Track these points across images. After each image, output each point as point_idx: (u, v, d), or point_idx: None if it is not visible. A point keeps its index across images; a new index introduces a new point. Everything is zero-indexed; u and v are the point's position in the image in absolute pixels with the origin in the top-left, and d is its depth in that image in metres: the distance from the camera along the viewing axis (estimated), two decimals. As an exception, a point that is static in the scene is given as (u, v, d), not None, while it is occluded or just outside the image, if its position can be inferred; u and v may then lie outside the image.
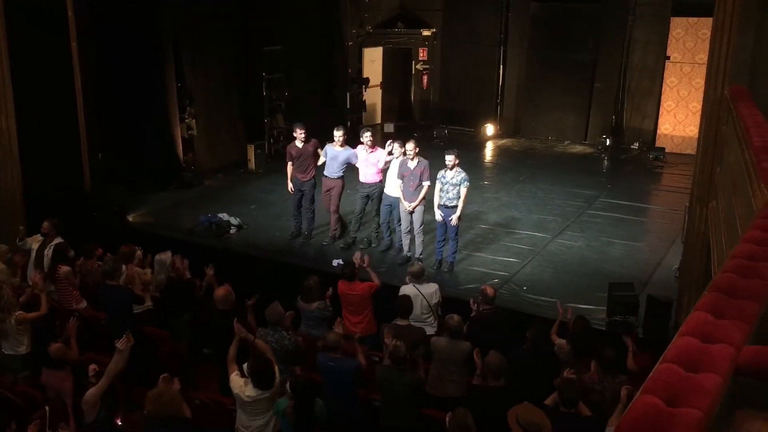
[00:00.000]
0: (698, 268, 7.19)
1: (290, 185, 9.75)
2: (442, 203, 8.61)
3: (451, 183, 8.51)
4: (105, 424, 5.30)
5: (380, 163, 9.17)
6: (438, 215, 8.75)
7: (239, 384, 5.25)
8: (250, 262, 9.39)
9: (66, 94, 10.30)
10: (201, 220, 10.32)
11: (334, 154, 9.40)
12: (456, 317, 6.12)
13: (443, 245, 8.98)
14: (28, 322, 6.49)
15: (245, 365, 5.33)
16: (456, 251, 8.96)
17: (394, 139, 9.22)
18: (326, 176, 9.53)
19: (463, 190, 8.51)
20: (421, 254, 9.09)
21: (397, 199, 9.00)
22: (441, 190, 8.59)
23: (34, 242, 8.06)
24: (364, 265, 7.31)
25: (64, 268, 7.45)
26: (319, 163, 9.59)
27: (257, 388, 5.17)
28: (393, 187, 9.03)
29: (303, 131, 9.52)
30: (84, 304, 7.56)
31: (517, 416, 4.44)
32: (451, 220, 8.57)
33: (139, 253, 7.66)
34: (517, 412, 4.47)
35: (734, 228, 4.37)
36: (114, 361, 5.35)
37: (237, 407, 5.35)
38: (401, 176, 8.79)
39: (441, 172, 8.61)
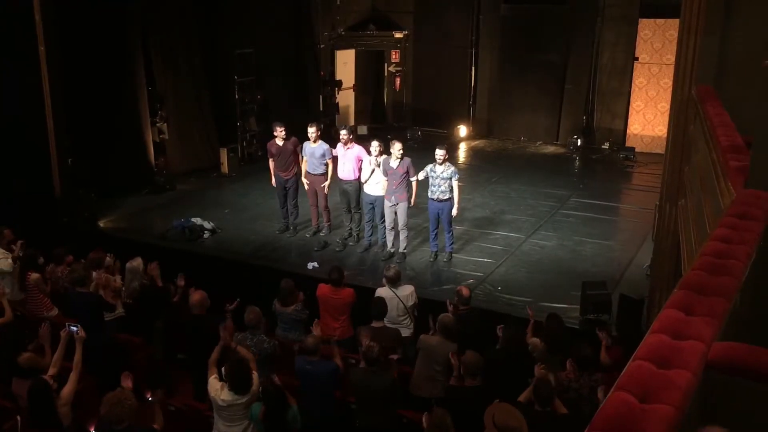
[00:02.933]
0: (669, 266, 7.29)
1: (273, 180, 9.98)
2: (434, 197, 8.84)
3: (442, 177, 8.74)
4: (77, 431, 5.26)
5: (363, 156, 9.31)
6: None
7: (216, 387, 5.22)
8: (225, 266, 9.32)
9: (34, 98, 10.14)
10: (174, 225, 10.22)
11: (311, 151, 9.63)
12: (450, 317, 6.16)
13: (436, 237, 9.17)
14: None
15: (223, 369, 5.31)
16: (453, 242, 9.24)
17: (375, 139, 9.32)
18: (308, 172, 9.71)
19: (455, 184, 8.78)
20: (405, 249, 9.27)
21: (378, 197, 9.13)
22: (432, 184, 8.83)
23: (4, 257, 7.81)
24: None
25: (34, 275, 7.34)
26: (303, 165, 9.77)
27: (233, 393, 5.14)
28: (373, 186, 9.15)
29: (282, 129, 9.74)
30: (55, 311, 7.45)
31: (493, 417, 4.41)
32: (444, 212, 8.84)
33: (108, 259, 7.57)
34: (493, 413, 4.42)
35: (703, 226, 4.44)
36: (77, 351, 5.39)
37: (214, 413, 5.31)
38: (385, 174, 8.96)
39: (430, 166, 8.82)
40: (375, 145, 9.05)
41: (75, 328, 5.62)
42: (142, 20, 12.09)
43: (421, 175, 8.92)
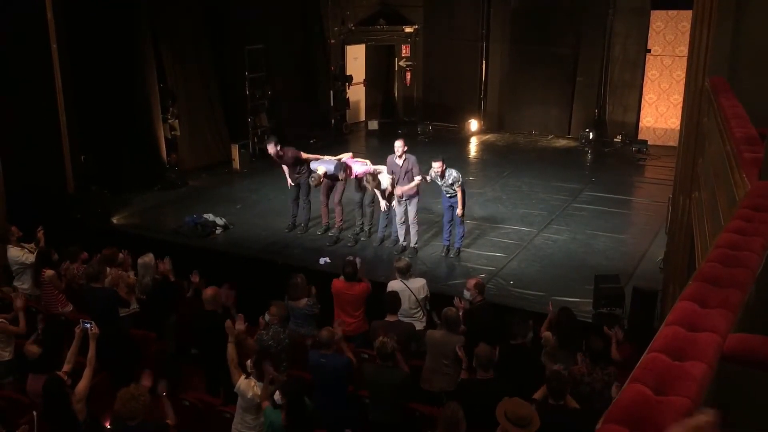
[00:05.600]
0: (682, 259, 7.25)
1: (289, 180, 10.00)
2: (446, 194, 8.96)
3: (447, 185, 8.80)
4: (92, 426, 5.30)
5: (369, 167, 9.41)
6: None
7: (250, 386, 5.25)
8: (237, 262, 9.35)
9: (47, 96, 10.21)
10: (186, 221, 10.26)
11: (327, 167, 9.51)
12: (454, 310, 6.17)
13: (450, 231, 9.18)
14: (11, 334, 6.47)
15: (248, 364, 5.33)
16: (463, 236, 9.23)
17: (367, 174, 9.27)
18: (328, 174, 9.63)
19: (458, 190, 8.77)
20: (416, 243, 9.29)
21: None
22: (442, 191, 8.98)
23: (26, 253, 7.89)
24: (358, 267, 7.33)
25: (49, 272, 7.41)
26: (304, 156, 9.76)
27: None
28: (388, 181, 9.18)
29: (272, 145, 9.66)
30: (70, 307, 7.52)
31: (505, 411, 4.46)
32: (456, 206, 8.87)
33: (121, 255, 7.62)
34: (505, 407, 4.49)
35: (717, 218, 4.41)
36: (91, 348, 5.45)
37: (239, 409, 5.33)
38: (390, 173, 9.03)
39: (434, 177, 8.81)
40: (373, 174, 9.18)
41: (89, 325, 5.66)
42: (153, 17, 12.12)
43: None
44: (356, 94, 17.65)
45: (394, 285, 7.03)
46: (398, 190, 8.92)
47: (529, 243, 9.71)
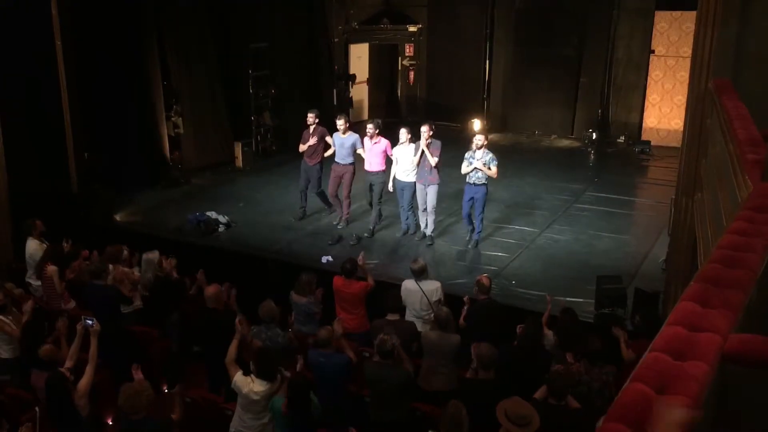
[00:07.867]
0: (685, 260, 7.24)
1: (304, 147, 10.04)
2: (471, 182, 9.05)
3: (482, 162, 8.92)
4: (94, 422, 5.33)
5: (388, 150, 9.53)
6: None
7: (247, 382, 5.24)
8: (239, 260, 9.37)
9: (51, 93, 10.23)
10: (189, 219, 10.28)
11: (340, 141, 9.76)
12: (445, 309, 6.16)
13: (471, 222, 9.38)
14: (9, 333, 6.48)
15: (251, 363, 5.35)
16: (481, 230, 9.42)
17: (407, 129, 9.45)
18: (337, 162, 9.82)
19: (494, 168, 8.94)
20: (433, 232, 9.49)
21: (408, 183, 9.30)
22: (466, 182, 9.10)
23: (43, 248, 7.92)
24: (360, 263, 7.32)
25: (51, 268, 7.42)
26: (329, 153, 9.94)
27: (264, 381, 5.18)
28: (403, 172, 9.32)
29: (311, 116, 9.88)
30: (72, 304, 7.54)
31: (505, 410, 4.48)
32: (478, 196, 9.04)
33: (125, 252, 7.64)
34: (505, 406, 4.51)
35: (719, 219, 4.42)
36: (92, 344, 5.48)
37: (239, 408, 5.34)
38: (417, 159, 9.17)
39: (469, 153, 9.01)
40: (404, 132, 9.28)
41: (90, 322, 5.69)
42: (157, 15, 12.14)
43: (464, 169, 9.03)
44: (360, 93, 17.66)
45: (408, 285, 7.02)
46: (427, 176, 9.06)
47: (531, 243, 9.71)
